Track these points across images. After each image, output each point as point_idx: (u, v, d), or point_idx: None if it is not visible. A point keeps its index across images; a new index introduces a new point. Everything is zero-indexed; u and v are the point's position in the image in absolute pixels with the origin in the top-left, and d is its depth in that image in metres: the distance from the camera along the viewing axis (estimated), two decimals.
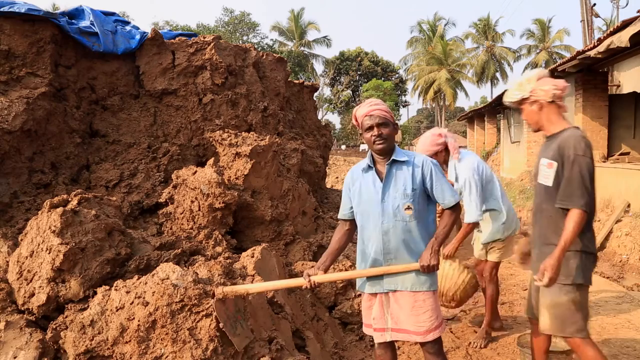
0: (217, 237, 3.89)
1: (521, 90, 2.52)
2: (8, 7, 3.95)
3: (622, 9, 26.72)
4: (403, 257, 2.41)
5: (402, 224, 2.38)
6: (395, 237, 2.39)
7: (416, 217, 2.39)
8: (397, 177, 2.42)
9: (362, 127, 2.46)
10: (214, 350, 2.34)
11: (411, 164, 2.43)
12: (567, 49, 41.14)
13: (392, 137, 2.43)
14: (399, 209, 2.38)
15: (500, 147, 17.36)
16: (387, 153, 2.43)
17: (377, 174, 2.47)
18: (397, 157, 2.42)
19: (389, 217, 2.39)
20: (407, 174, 2.41)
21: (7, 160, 3.82)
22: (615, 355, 3.51)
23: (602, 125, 9.60)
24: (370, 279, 2.48)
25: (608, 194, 7.39)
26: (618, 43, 6.55)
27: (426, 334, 2.40)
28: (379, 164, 2.48)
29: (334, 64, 48.32)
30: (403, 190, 2.38)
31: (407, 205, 2.37)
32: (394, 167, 2.43)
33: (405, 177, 2.40)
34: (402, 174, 2.41)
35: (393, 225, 2.39)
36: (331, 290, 3.96)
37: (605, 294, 4.97)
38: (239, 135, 4.68)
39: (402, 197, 2.38)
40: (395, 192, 2.40)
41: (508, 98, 2.62)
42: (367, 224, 2.47)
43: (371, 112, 2.41)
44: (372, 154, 2.51)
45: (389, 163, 2.42)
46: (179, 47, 5.16)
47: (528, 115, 2.57)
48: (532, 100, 2.51)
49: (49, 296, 2.68)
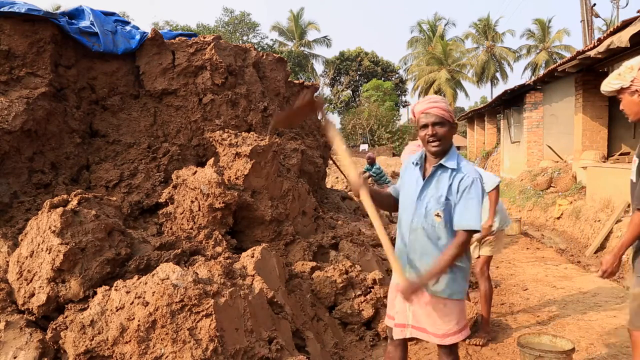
0: (217, 237, 3.89)
1: (621, 79, 2.43)
2: (8, 7, 3.95)
3: (622, 9, 26.74)
4: (425, 260, 2.37)
5: (431, 227, 2.34)
6: (423, 238, 2.37)
7: (445, 226, 2.32)
8: (439, 182, 2.34)
9: (417, 123, 2.36)
10: (214, 350, 2.34)
11: (457, 171, 2.32)
12: (567, 49, 41.14)
13: (447, 138, 2.33)
14: (429, 213, 2.34)
15: (500, 147, 17.35)
16: (440, 155, 2.35)
17: (423, 172, 2.42)
18: (445, 163, 2.33)
19: (419, 217, 2.36)
20: (446, 182, 2.32)
21: (7, 160, 3.82)
22: (615, 355, 3.51)
23: (602, 125, 9.60)
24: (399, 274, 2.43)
25: (608, 194, 7.39)
26: (618, 43, 6.55)
27: (443, 337, 2.38)
28: (428, 163, 2.43)
29: (334, 64, 48.30)
30: (438, 196, 2.32)
31: (437, 212, 2.31)
32: (440, 170, 2.35)
33: (445, 184, 2.32)
34: (444, 179, 2.33)
35: (422, 226, 2.36)
36: (331, 291, 3.96)
37: (605, 294, 4.97)
38: (239, 135, 4.68)
39: (436, 202, 2.32)
40: (432, 195, 2.35)
41: (606, 87, 2.52)
42: (402, 216, 2.47)
43: (428, 109, 2.30)
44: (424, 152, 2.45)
45: (435, 165, 2.35)
46: (179, 47, 5.16)
47: (627, 106, 2.49)
48: (633, 89, 2.41)
49: (49, 296, 2.68)
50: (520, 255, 7.02)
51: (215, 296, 2.50)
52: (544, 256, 6.91)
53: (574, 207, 8.59)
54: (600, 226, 7.11)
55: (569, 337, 3.61)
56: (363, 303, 3.93)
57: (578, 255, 6.88)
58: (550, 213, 9.44)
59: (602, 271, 2.50)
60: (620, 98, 2.51)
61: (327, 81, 49.32)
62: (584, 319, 4.28)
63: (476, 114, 21.76)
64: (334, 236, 4.92)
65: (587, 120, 9.61)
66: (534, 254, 7.07)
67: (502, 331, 4.09)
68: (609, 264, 2.48)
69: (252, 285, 3.08)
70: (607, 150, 9.59)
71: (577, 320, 4.24)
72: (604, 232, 6.81)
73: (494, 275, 5.87)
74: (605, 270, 2.49)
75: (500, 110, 16.94)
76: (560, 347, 3.18)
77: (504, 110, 15.89)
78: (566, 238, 8.07)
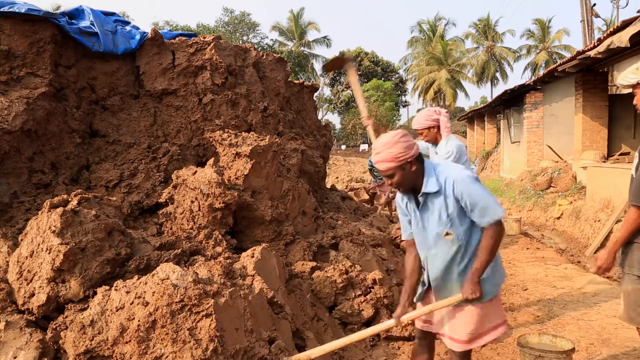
0: (217, 237, 3.89)
1: (638, 74, 2.45)
2: (8, 7, 3.95)
3: (622, 9, 26.72)
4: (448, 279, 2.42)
5: (445, 249, 2.38)
6: (440, 262, 2.41)
7: (458, 240, 2.36)
8: (433, 206, 2.36)
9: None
10: (214, 350, 2.34)
11: (442, 191, 2.32)
12: (567, 49, 41.16)
13: (407, 178, 2.32)
14: (439, 236, 2.38)
15: (500, 147, 17.35)
16: (412, 191, 2.39)
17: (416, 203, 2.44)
18: (427, 190, 2.34)
19: (429, 245, 2.43)
20: (441, 203, 2.33)
21: (7, 160, 3.81)
22: (615, 356, 3.51)
23: (602, 125, 9.60)
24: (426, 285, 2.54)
25: (608, 194, 7.39)
26: (618, 43, 6.54)
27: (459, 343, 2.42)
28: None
29: None
30: (438, 218, 2.34)
31: (446, 231, 2.35)
32: (427, 198, 2.37)
33: (440, 205, 2.33)
34: (437, 202, 2.34)
35: (435, 252, 2.42)
36: (331, 291, 3.96)
37: (605, 294, 4.97)
38: (239, 135, 4.67)
39: (439, 225, 2.35)
40: (433, 220, 2.38)
41: (622, 81, 2.55)
42: (418, 248, 2.53)
43: (376, 163, 2.35)
44: None
45: (421, 196, 2.37)
46: (179, 47, 5.16)
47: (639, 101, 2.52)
48: None
49: (49, 296, 2.68)
50: (520, 255, 7.02)
51: (215, 296, 2.50)
52: (544, 256, 6.91)
53: (574, 207, 8.58)
54: (600, 226, 7.11)
55: (569, 337, 3.61)
56: (363, 303, 3.93)
57: (578, 255, 6.89)
58: (550, 213, 9.43)
59: (596, 267, 2.53)
60: (635, 92, 2.53)
61: (327, 81, 49.33)
62: (584, 319, 4.28)
63: (476, 114, 21.76)
64: (334, 236, 4.92)
65: (587, 120, 9.61)
66: (534, 254, 7.07)
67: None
68: (603, 260, 2.51)
69: (252, 285, 3.08)
70: (607, 150, 9.59)
71: (577, 320, 4.24)
72: (604, 232, 6.81)
73: None
74: (599, 266, 2.51)
75: (500, 110, 16.94)
76: (560, 347, 3.18)
77: (504, 110, 15.89)
78: (566, 238, 8.07)
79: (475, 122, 22.54)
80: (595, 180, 8.01)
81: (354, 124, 38.01)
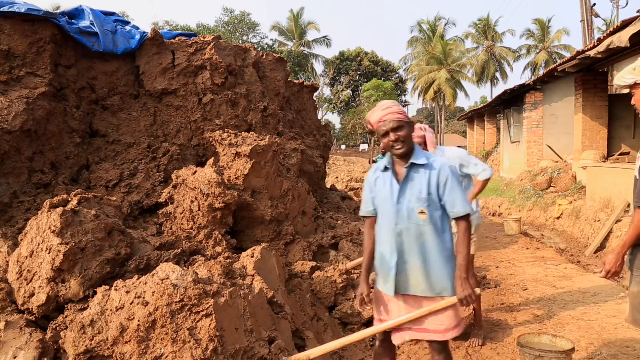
0: (217, 237, 3.89)
1: (635, 75, 2.45)
2: (8, 7, 3.95)
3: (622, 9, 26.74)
4: (415, 262, 2.39)
5: (416, 227, 2.37)
6: (409, 239, 2.39)
7: (430, 222, 2.36)
8: (415, 181, 2.39)
9: (378, 133, 2.44)
10: (214, 350, 2.34)
11: (429, 167, 2.38)
12: (567, 49, 41.16)
13: (410, 139, 2.39)
14: (413, 212, 2.36)
15: (500, 147, 17.36)
16: (406, 156, 2.40)
17: (395, 175, 2.45)
18: (416, 161, 2.39)
19: (402, 220, 2.38)
20: (424, 178, 2.37)
21: (7, 160, 3.81)
22: (615, 355, 3.51)
23: (602, 125, 9.60)
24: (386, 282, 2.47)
25: (608, 194, 7.39)
26: (618, 43, 6.54)
27: (446, 332, 2.42)
28: (397, 165, 2.46)
29: (334, 64, 48.30)
30: (418, 194, 2.36)
31: (421, 209, 2.35)
32: (413, 170, 2.40)
33: (422, 181, 2.37)
34: (419, 177, 2.38)
35: (407, 227, 2.38)
36: (331, 291, 3.96)
37: (605, 294, 4.97)
38: (239, 135, 4.68)
39: (417, 201, 2.36)
40: (411, 195, 2.38)
41: (619, 81, 2.55)
42: (383, 224, 2.48)
43: (384, 117, 2.37)
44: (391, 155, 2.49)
45: (407, 166, 2.39)
46: (179, 47, 5.16)
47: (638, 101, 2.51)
48: None
49: (49, 296, 2.68)
50: (520, 255, 7.02)
51: (215, 296, 2.50)
52: (544, 256, 6.91)
53: (574, 207, 8.59)
54: (600, 226, 7.11)
55: (569, 337, 3.61)
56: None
57: (578, 255, 6.88)
58: (550, 213, 9.43)
59: (605, 272, 2.48)
60: (633, 93, 2.53)
61: (327, 81, 49.34)
62: (584, 319, 4.28)
63: (476, 114, 21.77)
64: (334, 236, 4.92)
65: (587, 120, 9.61)
66: (534, 254, 7.07)
67: (502, 331, 4.09)
68: (612, 264, 2.46)
69: (252, 285, 3.08)
70: (607, 150, 9.59)
71: (577, 320, 4.24)
72: (604, 232, 6.81)
73: (494, 275, 5.87)
74: (608, 271, 2.47)
75: (500, 110, 16.95)
76: (560, 347, 3.18)
77: (504, 110, 15.90)
78: (566, 238, 8.07)
79: (475, 122, 22.54)
80: (595, 180, 8.01)
81: (354, 124, 38.00)
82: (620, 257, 2.47)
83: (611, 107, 9.67)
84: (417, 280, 2.40)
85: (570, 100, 10.90)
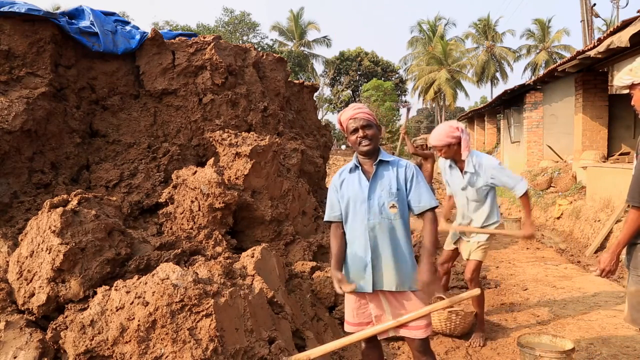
0: (217, 237, 3.89)
1: (633, 75, 2.47)
2: (8, 7, 3.95)
3: (622, 9, 26.75)
4: (387, 256, 2.47)
5: (387, 221, 2.47)
6: (381, 234, 2.47)
7: (400, 217, 2.48)
8: (384, 177, 2.51)
9: (347, 130, 2.57)
10: (214, 350, 2.33)
11: (396, 164, 2.54)
12: (567, 49, 41.16)
13: (376, 138, 2.53)
14: (384, 207, 2.46)
15: (500, 147, 17.35)
16: (372, 154, 2.53)
17: (364, 173, 2.55)
18: (383, 158, 2.53)
19: (374, 215, 2.47)
20: (392, 174, 2.51)
21: (7, 160, 3.82)
22: (615, 355, 3.51)
23: (602, 125, 9.60)
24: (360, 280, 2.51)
25: (608, 194, 7.39)
26: (618, 43, 6.54)
27: (426, 327, 2.49)
28: (365, 165, 2.57)
29: (334, 64, 48.29)
30: (389, 189, 2.47)
31: (392, 203, 2.46)
32: (381, 167, 2.53)
33: (391, 177, 2.50)
34: (388, 174, 2.51)
35: (379, 222, 2.47)
36: (331, 291, 3.96)
37: (605, 294, 4.97)
38: (239, 135, 4.68)
39: (388, 196, 2.47)
40: (381, 190, 2.48)
41: (617, 82, 2.57)
42: (354, 222, 2.54)
43: (355, 115, 2.51)
44: (357, 155, 2.59)
45: (376, 163, 2.52)
46: (179, 47, 5.16)
47: (638, 102, 2.53)
48: None
49: (49, 296, 2.68)
50: (520, 255, 7.02)
51: (215, 296, 2.50)
52: (544, 256, 6.91)
53: (574, 207, 8.59)
54: (600, 226, 7.11)
55: (569, 337, 3.61)
56: None
57: (578, 255, 6.88)
58: (550, 213, 9.43)
59: (600, 270, 2.50)
60: (631, 94, 2.54)
61: (327, 81, 49.33)
62: (584, 319, 4.28)
63: (476, 114, 21.76)
64: None
65: (587, 120, 9.61)
66: (534, 254, 7.07)
67: (502, 331, 4.09)
68: (607, 263, 2.48)
69: (252, 285, 3.08)
70: (607, 150, 9.59)
71: (577, 320, 4.24)
72: (604, 232, 6.80)
73: (494, 275, 5.88)
74: (603, 269, 2.49)
75: (500, 110, 16.94)
76: (560, 347, 3.18)
77: (504, 110, 15.89)
78: (566, 238, 8.07)
79: (475, 122, 22.54)
80: (595, 180, 8.01)
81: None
82: (615, 255, 2.48)
83: (611, 107, 9.66)
84: (389, 274, 2.47)
85: (570, 100, 10.90)
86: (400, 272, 2.47)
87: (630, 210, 2.43)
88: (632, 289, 2.49)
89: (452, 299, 2.56)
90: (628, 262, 2.51)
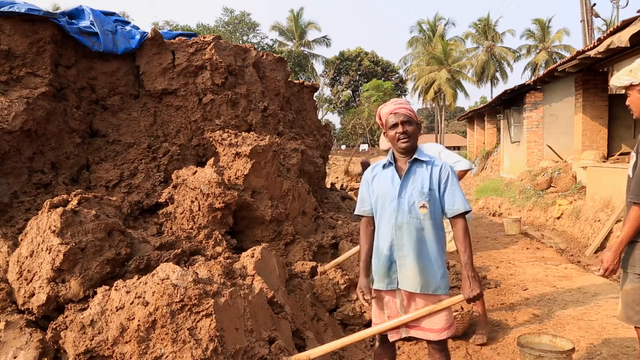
0: (217, 237, 3.89)
1: (632, 76, 2.47)
2: (8, 7, 3.95)
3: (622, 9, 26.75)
4: (411, 256, 2.40)
5: (416, 221, 2.39)
6: (409, 233, 2.40)
7: (430, 217, 2.40)
8: (417, 175, 2.43)
9: (386, 124, 2.50)
10: (214, 350, 2.33)
11: (431, 164, 2.45)
12: (566, 49, 41.18)
13: (415, 136, 2.46)
14: (414, 206, 2.39)
15: (500, 147, 17.35)
16: (410, 151, 2.45)
17: (397, 170, 2.49)
18: (419, 157, 2.45)
19: (403, 213, 2.41)
20: (425, 174, 2.42)
21: (7, 160, 3.81)
22: (615, 355, 3.51)
23: (602, 125, 9.60)
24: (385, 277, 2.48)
25: (608, 194, 7.39)
26: (618, 43, 6.54)
27: (440, 332, 2.43)
28: (400, 161, 2.51)
29: (334, 64, 48.29)
30: (420, 188, 2.40)
31: (423, 203, 2.39)
32: (415, 165, 2.46)
33: (424, 176, 2.42)
34: (422, 172, 2.43)
35: (407, 221, 2.40)
36: (333, 294, 3.95)
37: (605, 294, 4.97)
38: (239, 135, 4.67)
39: (419, 195, 2.39)
40: (413, 189, 2.41)
41: (615, 82, 2.57)
42: (382, 219, 2.49)
43: (396, 110, 2.45)
44: (393, 151, 2.53)
45: (410, 160, 2.45)
46: (179, 47, 5.16)
47: (634, 102, 2.54)
48: None
49: (49, 296, 2.68)
50: (520, 255, 7.02)
51: (215, 296, 2.50)
52: (544, 256, 6.91)
53: (574, 207, 8.58)
54: (600, 226, 7.11)
55: (569, 337, 3.61)
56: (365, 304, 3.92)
57: (578, 255, 6.88)
58: (550, 213, 9.43)
59: (603, 269, 2.48)
60: (628, 94, 2.56)
61: (327, 81, 49.30)
62: (584, 319, 4.28)
63: (476, 114, 21.76)
64: (334, 236, 4.92)
65: (587, 120, 9.61)
66: (534, 254, 7.07)
67: (502, 331, 4.09)
68: (609, 262, 2.46)
69: (252, 285, 3.08)
70: (607, 150, 9.59)
71: (577, 320, 4.24)
72: (604, 232, 6.80)
73: (494, 275, 5.87)
74: (606, 268, 2.47)
75: (500, 110, 16.94)
76: (560, 347, 3.18)
77: (504, 110, 15.89)
78: (566, 238, 8.07)
79: (475, 122, 22.53)
80: (595, 180, 8.01)
81: (354, 124, 37.98)
82: (618, 254, 2.48)
83: (611, 107, 9.66)
84: (412, 275, 2.41)
85: (570, 100, 10.90)
86: (425, 274, 2.39)
87: (632, 208, 2.43)
88: (627, 287, 2.49)
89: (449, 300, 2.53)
90: (624, 261, 2.50)
